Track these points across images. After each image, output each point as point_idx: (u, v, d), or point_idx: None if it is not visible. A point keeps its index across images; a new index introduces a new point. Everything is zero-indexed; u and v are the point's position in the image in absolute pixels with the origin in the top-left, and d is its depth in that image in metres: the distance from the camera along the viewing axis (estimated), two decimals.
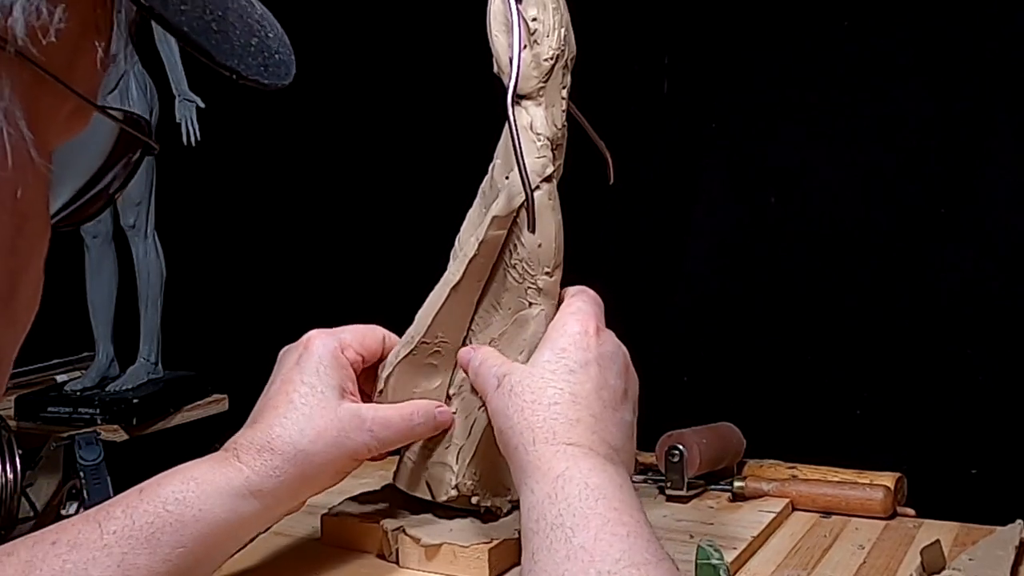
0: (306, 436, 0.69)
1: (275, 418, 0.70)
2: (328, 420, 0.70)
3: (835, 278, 1.22)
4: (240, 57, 0.37)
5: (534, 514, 0.60)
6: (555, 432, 0.64)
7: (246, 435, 0.70)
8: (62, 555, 0.61)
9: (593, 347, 0.68)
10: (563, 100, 0.76)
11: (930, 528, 0.84)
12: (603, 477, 0.61)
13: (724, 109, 1.27)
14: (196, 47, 0.35)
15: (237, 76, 0.37)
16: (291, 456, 0.68)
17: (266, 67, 0.38)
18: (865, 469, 0.91)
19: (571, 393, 0.66)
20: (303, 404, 0.70)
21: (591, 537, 0.56)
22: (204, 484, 0.66)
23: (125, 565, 0.62)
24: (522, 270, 0.76)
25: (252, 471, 0.68)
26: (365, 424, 0.71)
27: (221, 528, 0.66)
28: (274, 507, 0.69)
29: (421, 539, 0.77)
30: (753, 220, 1.26)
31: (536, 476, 0.62)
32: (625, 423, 0.68)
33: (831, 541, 0.82)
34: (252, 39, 0.38)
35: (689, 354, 1.28)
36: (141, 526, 0.63)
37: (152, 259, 1.36)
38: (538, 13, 0.73)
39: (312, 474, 0.70)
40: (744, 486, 0.90)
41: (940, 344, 1.16)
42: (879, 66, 1.17)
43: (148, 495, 0.65)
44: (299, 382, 0.71)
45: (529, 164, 0.73)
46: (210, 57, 0.36)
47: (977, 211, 1.14)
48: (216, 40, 0.36)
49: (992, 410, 1.13)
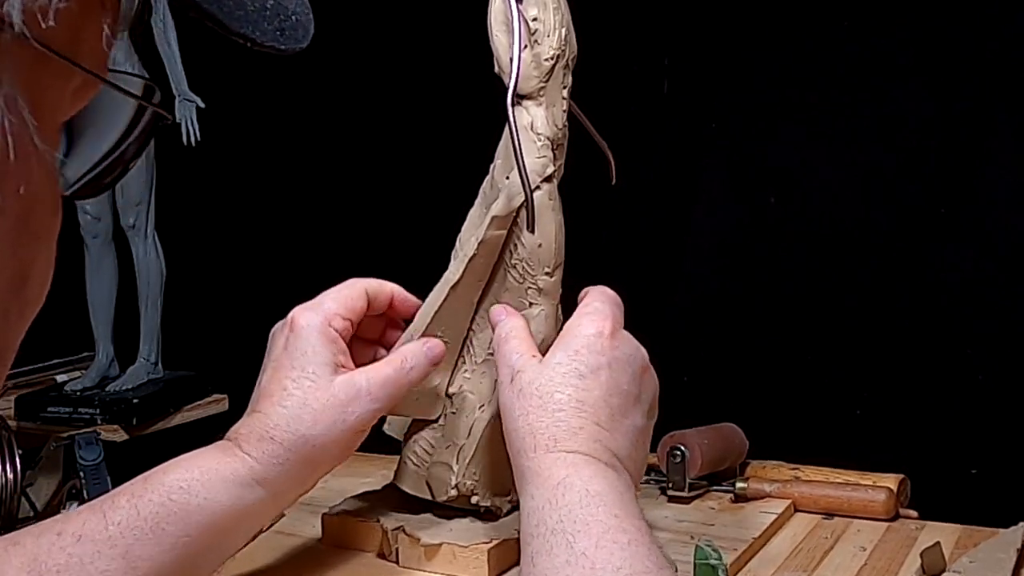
0: (304, 422, 0.68)
1: (271, 407, 0.69)
2: (324, 401, 0.69)
3: (835, 278, 1.22)
4: (255, 23, 0.35)
5: (534, 519, 0.60)
6: (556, 439, 0.63)
7: (246, 424, 0.69)
8: (67, 548, 0.61)
9: (607, 350, 0.67)
10: (564, 100, 0.76)
11: (932, 530, 0.83)
12: (604, 484, 0.61)
13: (724, 109, 1.27)
14: (208, 16, 0.34)
15: (251, 43, 0.35)
16: (292, 443, 0.68)
17: (282, 31, 0.37)
18: (868, 470, 0.91)
19: (578, 399, 0.65)
20: (296, 389, 0.69)
21: (592, 544, 0.56)
22: (209, 473, 0.66)
23: (130, 556, 0.62)
24: (522, 270, 0.76)
25: (256, 460, 0.67)
26: (362, 393, 0.70)
27: (227, 517, 0.66)
28: (281, 494, 0.69)
29: (421, 539, 0.77)
30: (753, 220, 1.26)
31: (536, 482, 0.62)
32: (635, 429, 0.67)
33: (832, 543, 0.82)
34: (267, 1, 0.36)
35: (689, 354, 1.28)
36: (146, 516, 0.63)
37: (152, 259, 1.36)
38: (539, 13, 0.73)
39: (317, 457, 0.69)
40: (746, 487, 0.90)
41: (940, 344, 1.16)
42: (879, 66, 1.17)
43: (153, 484, 0.65)
44: (289, 367, 0.70)
45: (529, 164, 0.73)
46: (222, 26, 0.34)
47: (977, 211, 1.14)
48: (229, 6, 0.34)
49: (992, 410, 1.13)
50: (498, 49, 0.74)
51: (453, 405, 0.79)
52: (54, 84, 0.31)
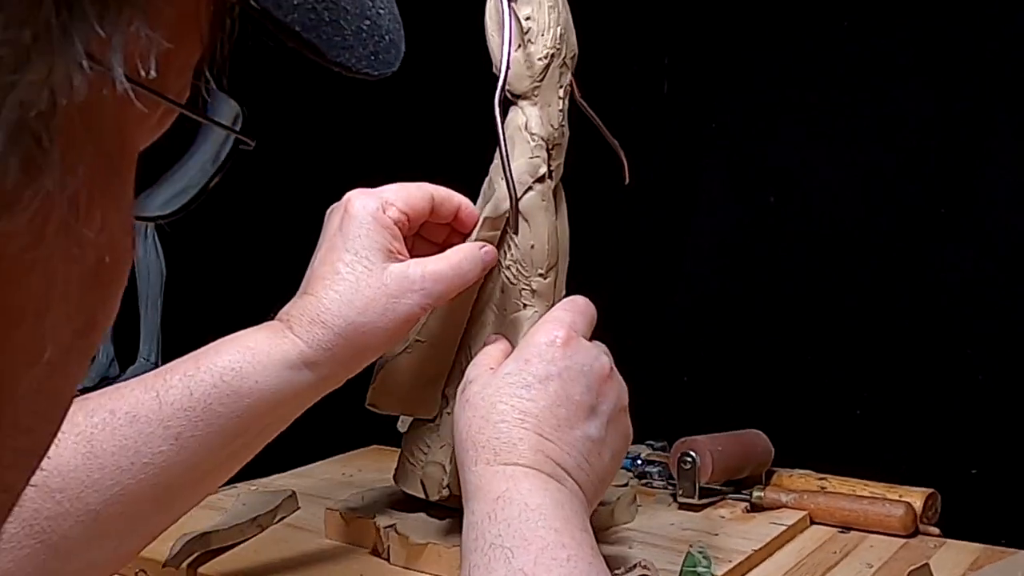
0: (355, 307, 0.68)
1: (323, 290, 0.69)
2: (376, 288, 0.68)
3: (834, 278, 1.21)
4: (351, 48, 0.33)
5: (473, 533, 0.59)
6: (496, 452, 0.63)
7: (297, 306, 0.69)
8: (121, 428, 0.61)
9: (558, 359, 0.66)
10: (560, 100, 0.76)
11: (951, 549, 0.80)
12: (544, 497, 0.60)
13: (724, 109, 1.26)
14: (308, 46, 0.31)
15: (345, 71, 0.34)
16: (342, 329, 0.67)
17: (375, 55, 0.35)
18: (898, 482, 0.88)
19: (521, 410, 0.64)
20: (349, 273, 0.69)
21: (531, 560, 0.55)
22: (260, 356, 0.66)
23: (183, 438, 0.62)
24: (516, 271, 0.76)
25: (305, 344, 0.67)
26: (415, 285, 0.69)
27: (277, 400, 0.66)
28: (329, 378, 0.69)
29: (409, 537, 0.77)
30: (753, 220, 1.26)
31: (477, 496, 0.61)
32: (588, 439, 0.65)
33: (840, 557, 0.80)
34: (364, 22, 0.34)
35: (689, 354, 1.28)
36: (198, 398, 0.63)
37: (152, 259, 1.37)
38: (532, 12, 0.72)
39: (365, 343, 0.69)
40: (762, 496, 0.88)
41: (940, 344, 1.15)
42: (879, 66, 1.17)
43: (204, 366, 0.65)
44: (343, 250, 0.70)
45: (522, 164, 0.73)
46: (321, 55, 0.32)
47: (977, 211, 1.13)
48: (327, 33, 0.32)
49: (992, 410, 1.13)
50: (493, 48, 0.74)
51: (448, 405, 0.79)
52: (142, 115, 0.28)
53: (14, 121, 0.22)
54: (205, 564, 0.80)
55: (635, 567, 0.72)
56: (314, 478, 1.03)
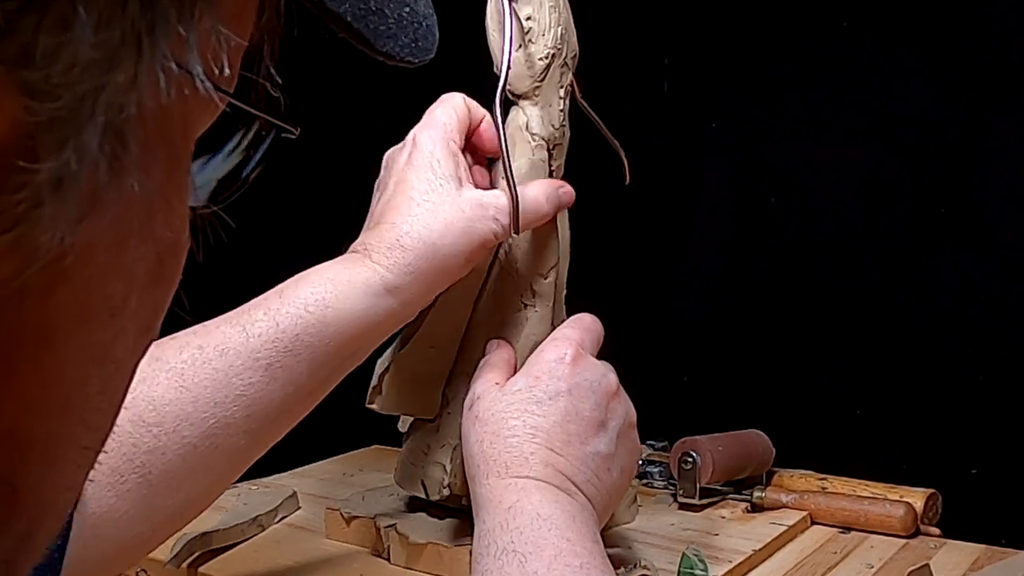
0: (434, 230, 0.69)
1: (399, 216, 0.69)
2: (453, 211, 0.69)
3: (835, 278, 1.21)
4: (394, 36, 0.33)
5: (485, 540, 0.60)
6: (507, 465, 0.63)
7: (373, 235, 0.70)
8: (211, 362, 0.62)
9: (567, 376, 0.67)
10: (561, 100, 0.76)
11: (951, 549, 0.80)
12: (555, 508, 0.60)
13: (724, 109, 1.26)
14: (357, 36, 0.31)
15: (388, 59, 0.34)
16: (422, 251, 0.68)
17: (415, 42, 0.35)
18: (899, 483, 0.88)
19: (532, 426, 0.65)
20: (425, 199, 0.70)
21: (545, 566, 0.56)
22: (342, 284, 0.66)
23: (272, 368, 0.63)
24: (516, 271, 0.76)
25: (386, 269, 0.68)
26: (489, 212, 0.70)
27: (360, 326, 0.66)
28: (410, 302, 0.69)
29: (409, 537, 0.77)
30: (753, 220, 1.26)
31: (488, 508, 0.62)
32: (597, 456, 0.66)
33: (840, 558, 0.79)
34: (404, 9, 0.34)
35: (689, 354, 1.28)
36: (285, 328, 0.64)
37: None
38: (533, 12, 0.72)
39: (444, 266, 0.69)
40: (763, 497, 0.88)
41: (940, 344, 1.15)
42: (879, 66, 1.17)
43: (288, 298, 0.66)
44: (416, 179, 0.71)
45: (523, 164, 0.73)
46: (369, 45, 0.32)
47: (977, 211, 1.13)
48: (374, 22, 0.32)
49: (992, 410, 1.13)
50: (493, 49, 0.74)
51: (449, 406, 0.79)
52: (203, 114, 0.29)
53: (104, 123, 0.22)
54: (206, 564, 0.80)
55: (635, 567, 0.72)
56: (314, 478, 1.03)
